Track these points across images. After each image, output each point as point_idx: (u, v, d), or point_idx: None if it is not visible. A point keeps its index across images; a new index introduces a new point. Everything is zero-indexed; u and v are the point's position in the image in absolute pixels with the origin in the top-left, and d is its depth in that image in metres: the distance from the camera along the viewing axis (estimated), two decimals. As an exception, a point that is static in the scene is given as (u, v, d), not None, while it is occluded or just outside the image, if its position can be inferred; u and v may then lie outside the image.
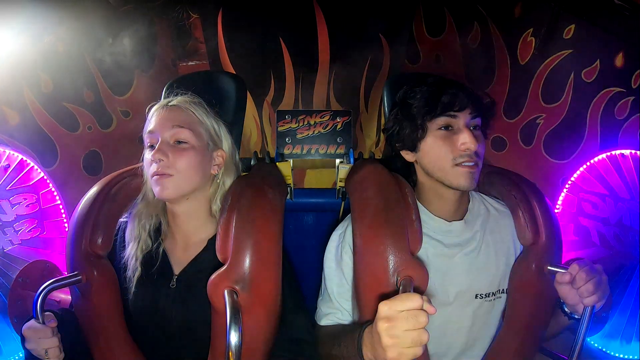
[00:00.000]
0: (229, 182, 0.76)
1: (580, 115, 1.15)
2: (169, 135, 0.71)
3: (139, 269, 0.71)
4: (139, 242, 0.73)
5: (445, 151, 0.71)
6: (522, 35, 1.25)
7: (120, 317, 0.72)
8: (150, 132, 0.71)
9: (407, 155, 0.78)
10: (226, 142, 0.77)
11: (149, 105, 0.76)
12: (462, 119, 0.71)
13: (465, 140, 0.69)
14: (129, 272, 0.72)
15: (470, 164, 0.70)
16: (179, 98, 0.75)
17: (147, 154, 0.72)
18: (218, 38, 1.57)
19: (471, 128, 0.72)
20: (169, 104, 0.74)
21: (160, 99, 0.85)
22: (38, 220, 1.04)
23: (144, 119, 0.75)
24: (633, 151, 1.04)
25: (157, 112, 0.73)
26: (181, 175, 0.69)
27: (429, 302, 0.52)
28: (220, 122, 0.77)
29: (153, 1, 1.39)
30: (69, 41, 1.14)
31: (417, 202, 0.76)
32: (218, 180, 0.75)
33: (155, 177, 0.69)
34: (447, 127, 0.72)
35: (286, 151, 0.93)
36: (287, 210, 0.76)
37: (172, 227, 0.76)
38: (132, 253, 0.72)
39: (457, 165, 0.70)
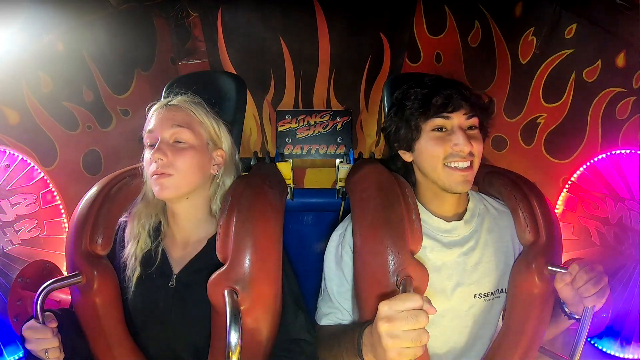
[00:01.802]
0: (228, 182, 0.76)
1: (581, 115, 1.15)
2: (168, 135, 0.70)
3: (138, 268, 0.72)
4: (138, 241, 0.73)
5: (437, 151, 0.71)
6: (523, 35, 1.25)
7: (120, 317, 0.72)
8: (150, 131, 0.72)
9: (405, 155, 0.78)
10: (226, 142, 0.77)
11: (149, 105, 0.76)
12: (456, 119, 0.71)
13: (458, 141, 0.69)
14: (128, 271, 0.72)
15: (464, 164, 0.70)
16: (179, 98, 0.75)
17: (147, 154, 0.72)
18: (218, 37, 1.57)
19: (467, 128, 0.72)
20: (169, 103, 0.74)
21: (160, 98, 0.85)
22: (38, 220, 1.04)
23: (143, 118, 0.75)
24: (633, 151, 1.03)
25: (157, 111, 0.73)
26: (180, 174, 0.69)
27: (429, 302, 0.52)
28: (220, 122, 0.77)
29: (152, 0, 1.39)
30: (68, 40, 1.13)
31: (417, 201, 0.76)
32: (218, 180, 0.75)
33: (154, 176, 0.69)
34: (441, 129, 0.72)
35: (286, 151, 0.93)
36: (287, 210, 0.76)
37: (172, 227, 0.76)
38: (131, 252, 0.72)
39: (448, 165, 0.70)
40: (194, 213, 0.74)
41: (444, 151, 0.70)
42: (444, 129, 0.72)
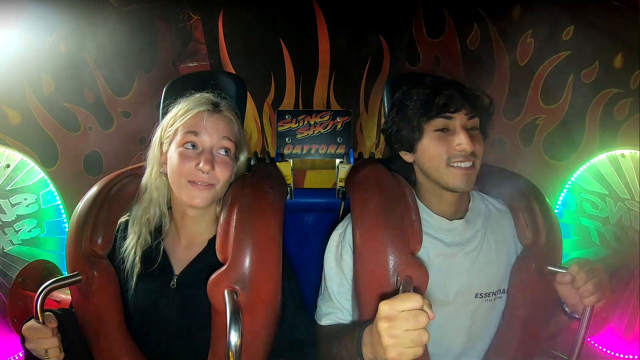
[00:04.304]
0: None
1: (580, 116, 1.16)
2: (215, 144, 0.70)
3: (139, 265, 0.71)
4: (139, 237, 0.72)
5: (440, 151, 0.71)
6: (522, 37, 1.26)
7: (120, 317, 0.72)
8: (195, 133, 0.70)
9: (406, 156, 0.78)
10: (244, 155, 0.78)
11: (188, 98, 0.73)
12: (458, 120, 0.71)
13: (461, 141, 0.69)
14: (127, 265, 0.71)
15: (467, 164, 0.70)
16: (225, 104, 0.75)
17: (180, 154, 0.69)
18: (219, 39, 1.58)
19: (468, 128, 0.72)
20: (219, 110, 0.73)
21: (160, 100, 0.86)
22: (38, 220, 1.04)
23: (144, 120, 0.76)
24: (633, 151, 1.04)
25: (205, 113, 0.71)
26: (219, 187, 0.70)
27: (429, 307, 0.52)
28: (244, 133, 0.78)
29: (154, 2, 1.40)
30: (70, 42, 1.14)
31: (418, 201, 0.76)
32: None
33: (190, 183, 0.68)
34: (443, 129, 0.72)
35: (286, 151, 0.93)
36: (287, 210, 0.76)
37: (179, 227, 0.76)
38: (130, 245, 0.72)
39: (451, 165, 0.70)
40: (204, 216, 0.75)
41: (447, 151, 0.71)
42: (446, 129, 0.72)
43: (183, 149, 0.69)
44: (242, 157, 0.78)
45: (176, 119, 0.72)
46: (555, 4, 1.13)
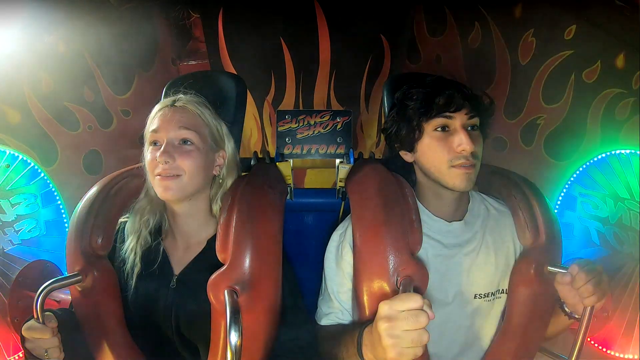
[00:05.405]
0: (230, 182, 0.76)
1: (581, 116, 1.16)
2: (174, 136, 0.70)
3: (139, 264, 0.71)
4: (138, 237, 0.73)
5: (441, 152, 0.71)
6: (523, 36, 1.26)
7: (120, 317, 0.72)
8: (155, 131, 0.71)
9: (406, 156, 0.78)
10: (228, 143, 0.77)
11: (157, 105, 0.75)
12: (459, 119, 0.71)
13: (462, 141, 0.69)
14: (128, 266, 0.72)
15: (467, 164, 0.70)
16: (185, 98, 0.74)
17: (149, 152, 0.71)
18: (218, 37, 1.57)
19: (468, 128, 0.72)
20: (175, 103, 0.73)
21: (160, 98, 0.85)
22: (38, 220, 1.04)
23: (144, 119, 0.75)
24: (633, 151, 1.04)
25: (162, 110, 0.72)
26: (186, 176, 0.70)
27: (429, 307, 0.52)
28: (222, 123, 0.77)
29: (153, 0, 1.40)
30: (69, 41, 1.14)
31: (417, 202, 0.76)
32: (220, 181, 0.76)
33: (158, 177, 0.69)
34: (443, 128, 0.72)
35: (286, 151, 0.93)
36: (287, 210, 0.76)
37: (173, 227, 0.76)
38: (130, 246, 0.72)
39: (453, 166, 0.70)
40: (195, 214, 0.74)
41: (448, 152, 0.70)
42: (446, 129, 0.72)
43: (149, 149, 0.71)
44: (229, 149, 0.77)
45: (148, 123, 0.73)
46: (557, 3, 1.13)
